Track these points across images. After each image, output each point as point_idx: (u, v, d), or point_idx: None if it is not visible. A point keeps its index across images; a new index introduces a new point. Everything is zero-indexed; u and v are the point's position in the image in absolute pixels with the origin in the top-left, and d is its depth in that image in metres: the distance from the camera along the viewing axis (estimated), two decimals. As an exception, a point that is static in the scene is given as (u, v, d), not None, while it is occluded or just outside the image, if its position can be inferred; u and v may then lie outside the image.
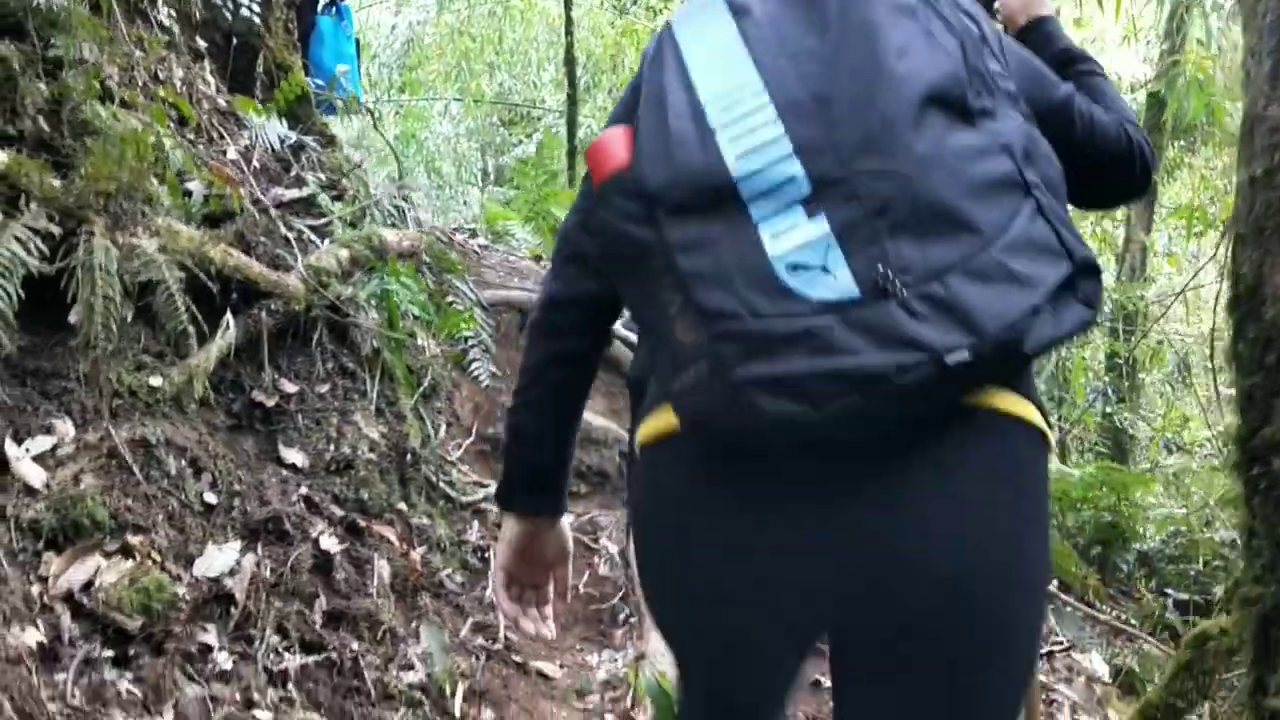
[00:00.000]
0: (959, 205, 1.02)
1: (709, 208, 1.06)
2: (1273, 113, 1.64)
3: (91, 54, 2.48)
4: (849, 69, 1.09)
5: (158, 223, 2.32)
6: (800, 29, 1.16)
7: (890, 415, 1.00)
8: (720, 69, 1.14)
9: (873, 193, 1.03)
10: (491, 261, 4.80)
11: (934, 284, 0.99)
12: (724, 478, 1.12)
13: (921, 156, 1.03)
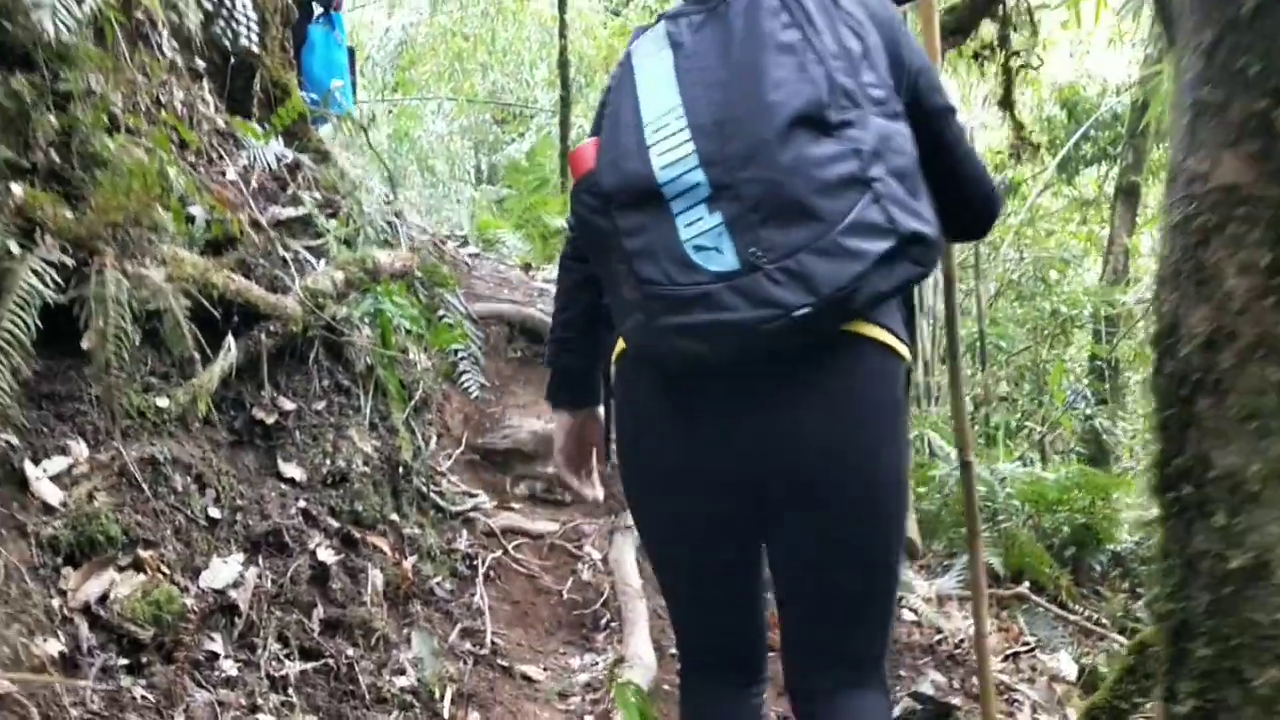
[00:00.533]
0: (811, 201, 1.43)
1: (644, 204, 1.49)
2: (1190, 165, 1.79)
3: (98, 85, 2.61)
4: (740, 98, 1.50)
5: (163, 250, 2.46)
6: (713, 62, 1.56)
7: (762, 349, 1.44)
8: (657, 94, 1.57)
9: (751, 194, 1.45)
10: (482, 272, 4.94)
11: (789, 260, 1.42)
12: (661, 391, 1.59)
13: (785, 166, 1.44)
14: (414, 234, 4.23)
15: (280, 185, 3.62)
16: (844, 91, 1.50)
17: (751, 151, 1.46)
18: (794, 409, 1.53)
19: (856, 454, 1.57)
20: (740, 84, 1.51)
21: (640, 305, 1.51)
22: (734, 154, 1.47)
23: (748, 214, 1.45)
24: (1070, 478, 6.73)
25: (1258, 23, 1.66)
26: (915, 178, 1.54)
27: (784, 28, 1.54)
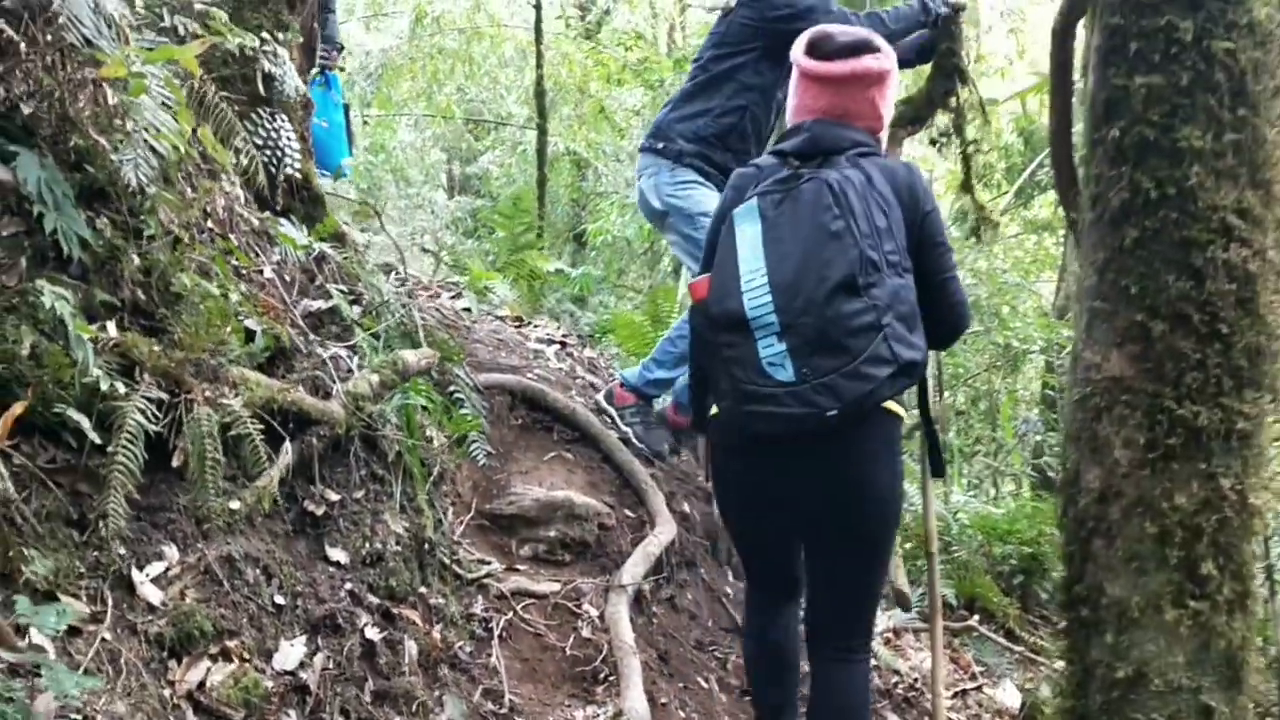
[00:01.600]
0: (843, 341, 2.38)
1: (737, 328, 2.48)
2: (1086, 355, 2.27)
3: (173, 226, 3.02)
4: (803, 269, 2.44)
5: (234, 374, 2.88)
6: (787, 236, 2.50)
7: (807, 431, 2.41)
8: (749, 254, 2.52)
9: (805, 334, 2.39)
10: (480, 334, 5.36)
11: (826, 378, 2.36)
12: (743, 454, 2.66)
13: (829, 317, 2.38)
14: (422, 306, 4.65)
15: (309, 277, 4.02)
16: (870, 263, 2.43)
17: (808, 306, 2.41)
18: (828, 459, 2.54)
19: (870, 485, 2.59)
20: (804, 259, 2.45)
21: (731, 393, 2.52)
22: (797, 307, 2.42)
23: (802, 346, 2.40)
24: (1019, 508, 7.22)
25: (1138, 252, 2.15)
26: (914, 317, 2.48)
27: (833, 219, 2.45)
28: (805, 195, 2.52)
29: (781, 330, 2.41)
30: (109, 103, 2.94)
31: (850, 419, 2.38)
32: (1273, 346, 2.10)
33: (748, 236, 2.55)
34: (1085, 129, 2.32)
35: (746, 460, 2.67)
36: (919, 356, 2.44)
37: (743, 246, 2.54)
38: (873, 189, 2.52)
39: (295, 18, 4.38)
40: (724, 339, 2.52)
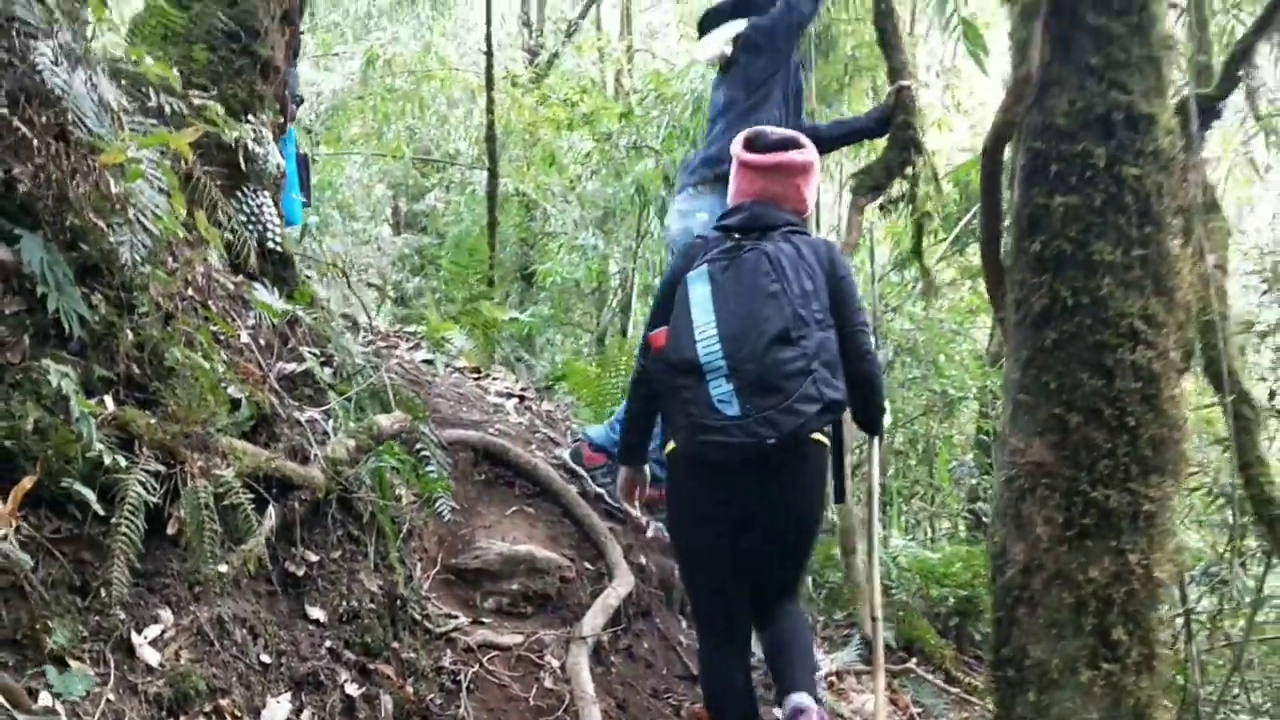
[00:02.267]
0: (779, 383, 2.89)
1: (692, 373, 2.97)
2: (1012, 441, 2.54)
3: (164, 302, 3.19)
4: (746, 324, 2.97)
5: (224, 443, 3.05)
6: (732, 297, 3.02)
7: (754, 457, 2.90)
8: (701, 311, 3.02)
9: (748, 376, 2.91)
10: (441, 388, 5.54)
11: (766, 414, 2.87)
12: (697, 474, 3.10)
13: (767, 363, 2.90)
14: (388, 365, 4.83)
15: (282, 339, 4.19)
16: (801, 319, 2.97)
17: (750, 354, 2.92)
18: (771, 482, 3.03)
19: (802, 499, 3.13)
20: (747, 315, 2.98)
21: (687, 427, 2.99)
22: (742, 354, 2.93)
23: (746, 387, 2.90)
24: (954, 552, 7.51)
25: (1056, 352, 2.42)
26: (836, 364, 3.02)
27: (771, 283, 3.01)
28: (747, 263, 3.09)
29: (729, 374, 2.92)
30: (107, 185, 3.11)
31: (786, 447, 2.90)
32: (1174, 437, 2.38)
33: (699, 296, 3.06)
34: (1011, 239, 2.60)
35: (701, 482, 3.12)
36: (840, 396, 2.97)
37: (695, 305, 3.05)
38: (802, 259, 3.11)
39: (269, 87, 4.57)
40: (681, 381, 3.00)
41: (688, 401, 2.97)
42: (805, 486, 3.12)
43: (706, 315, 3.01)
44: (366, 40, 12.96)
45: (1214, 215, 4.20)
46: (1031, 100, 2.47)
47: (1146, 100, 2.42)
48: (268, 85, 4.55)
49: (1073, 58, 2.46)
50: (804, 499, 3.14)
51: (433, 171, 16.22)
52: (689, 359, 2.97)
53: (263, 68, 4.42)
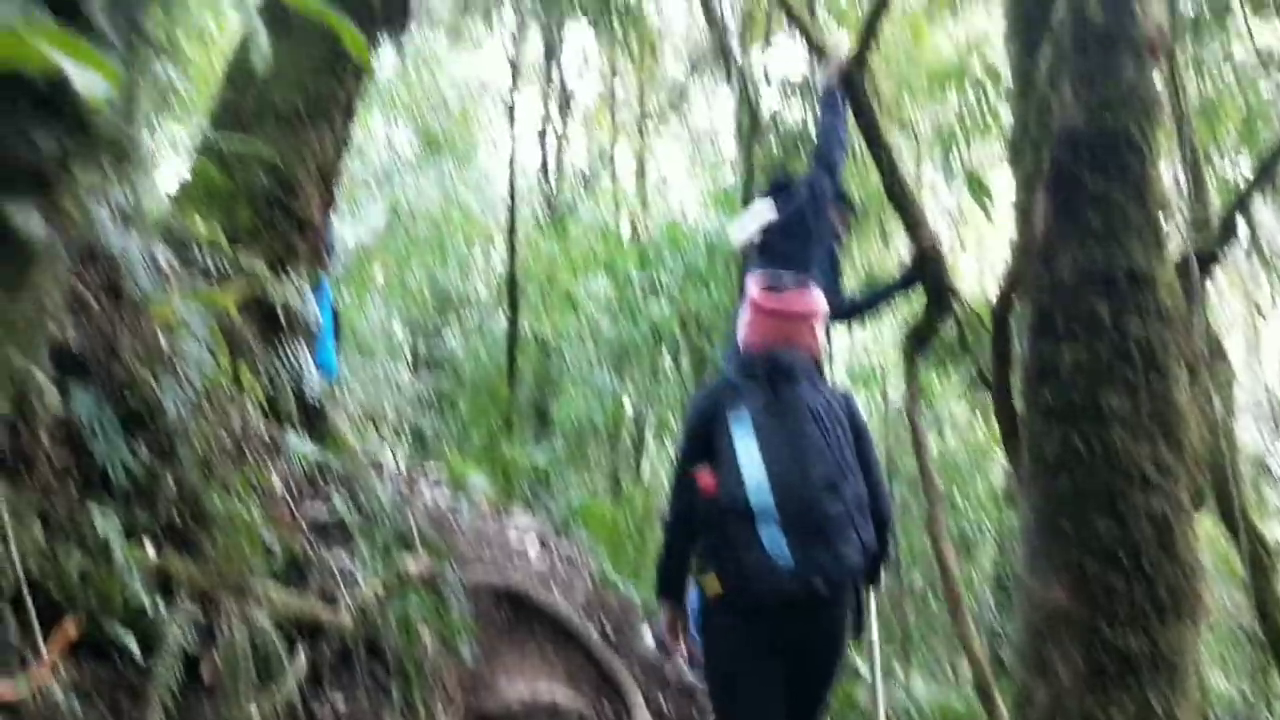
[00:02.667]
0: (828, 532, 2.97)
1: (745, 518, 2.99)
2: (1031, 585, 2.60)
3: (204, 451, 3.30)
4: (797, 476, 3.02)
5: (259, 588, 3.12)
6: (780, 445, 3.09)
7: (800, 603, 2.94)
8: (748, 459, 3.07)
9: (800, 525, 2.96)
10: (463, 528, 5.60)
11: (819, 562, 2.93)
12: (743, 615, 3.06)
13: (816, 512, 2.98)
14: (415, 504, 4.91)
15: (312, 484, 4.30)
16: (840, 468, 3.07)
17: (800, 502, 2.99)
18: (813, 621, 3.06)
19: (838, 637, 3.12)
20: (794, 463, 3.05)
21: (740, 573, 3.01)
22: (792, 502, 2.98)
23: (798, 536, 2.95)
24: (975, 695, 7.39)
25: (1072, 498, 2.50)
26: (866, 508, 3.09)
27: (813, 431, 3.11)
28: (789, 410, 3.19)
29: (781, 521, 2.99)
30: (156, 340, 3.26)
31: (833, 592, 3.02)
32: (1191, 581, 2.44)
33: (745, 441, 3.15)
34: (1022, 390, 2.71)
35: (745, 620, 3.12)
36: (874, 541, 3.11)
37: (741, 450, 3.12)
38: (832, 409, 3.22)
39: (305, 243, 4.78)
40: (733, 526, 3.04)
41: (740, 546, 3.01)
42: (840, 620, 3.17)
43: (754, 461, 3.09)
44: (390, 190, 13.41)
45: (1219, 362, 4.32)
46: (1037, 260, 2.61)
47: (1146, 259, 2.56)
48: (304, 241, 4.76)
49: (1075, 220, 2.61)
50: (839, 632, 3.20)
51: (453, 315, 16.56)
52: (742, 504, 3.02)
53: (300, 225, 4.64)
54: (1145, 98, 2.60)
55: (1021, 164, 2.69)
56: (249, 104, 4.62)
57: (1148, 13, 2.72)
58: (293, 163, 4.64)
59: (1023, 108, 2.76)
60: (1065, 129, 2.62)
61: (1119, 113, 2.59)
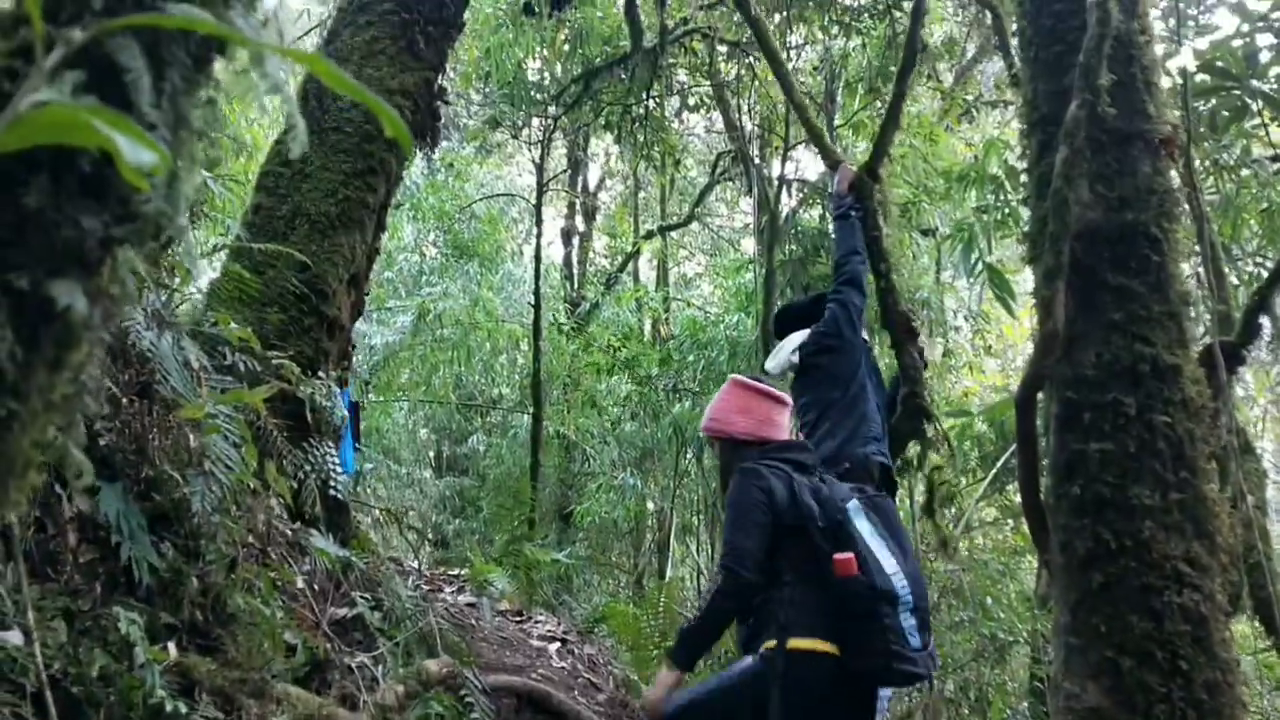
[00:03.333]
0: (929, 621, 3.43)
1: (892, 603, 3.29)
2: (1066, 685, 2.54)
3: (229, 550, 3.30)
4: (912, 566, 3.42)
5: (279, 690, 3.09)
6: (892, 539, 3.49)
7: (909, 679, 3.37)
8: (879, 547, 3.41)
9: (921, 612, 3.37)
10: (484, 628, 5.55)
11: (931, 650, 3.38)
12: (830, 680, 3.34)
13: (926, 605, 3.43)
14: (437, 606, 4.87)
15: (334, 584, 4.27)
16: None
17: (921, 595, 3.38)
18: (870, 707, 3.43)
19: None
20: (907, 559, 3.42)
21: (884, 652, 3.24)
22: (918, 594, 3.35)
23: (921, 623, 3.33)
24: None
25: (1104, 594, 2.46)
26: None
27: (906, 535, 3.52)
28: (884, 509, 3.58)
29: (913, 609, 3.33)
30: (185, 439, 3.29)
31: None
32: (1228, 680, 2.38)
33: (869, 534, 3.45)
34: (1050, 484, 2.69)
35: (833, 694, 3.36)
36: None
37: (870, 541, 3.43)
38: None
39: (334, 344, 4.85)
40: (882, 609, 3.28)
41: (886, 629, 3.28)
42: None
43: (886, 552, 3.42)
44: (418, 295, 13.60)
45: (1249, 457, 4.27)
46: (1059, 354, 2.62)
47: (1170, 352, 2.56)
48: (333, 342, 4.83)
49: (1096, 314, 2.62)
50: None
51: (476, 416, 16.63)
52: (890, 590, 3.31)
53: (329, 327, 4.71)
54: (1162, 193, 2.63)
55: (1040, 260, 2.72)
56: (282, 209, 4.73)
57: (1161, 112, 2.77)
58: (324, 266, 4.73)
59: (1040, 205, 2.79)
60: (1084, 225, 2.64)
61: (1137, 208, 2.62)
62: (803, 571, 3.47)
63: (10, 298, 0.63)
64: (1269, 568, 3.29)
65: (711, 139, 15.98)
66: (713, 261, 17.36)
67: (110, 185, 0.66)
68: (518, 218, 17.23)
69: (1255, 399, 8.91)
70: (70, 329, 0.67)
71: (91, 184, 0.65)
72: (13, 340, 0.63)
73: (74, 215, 0.65)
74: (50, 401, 0.68)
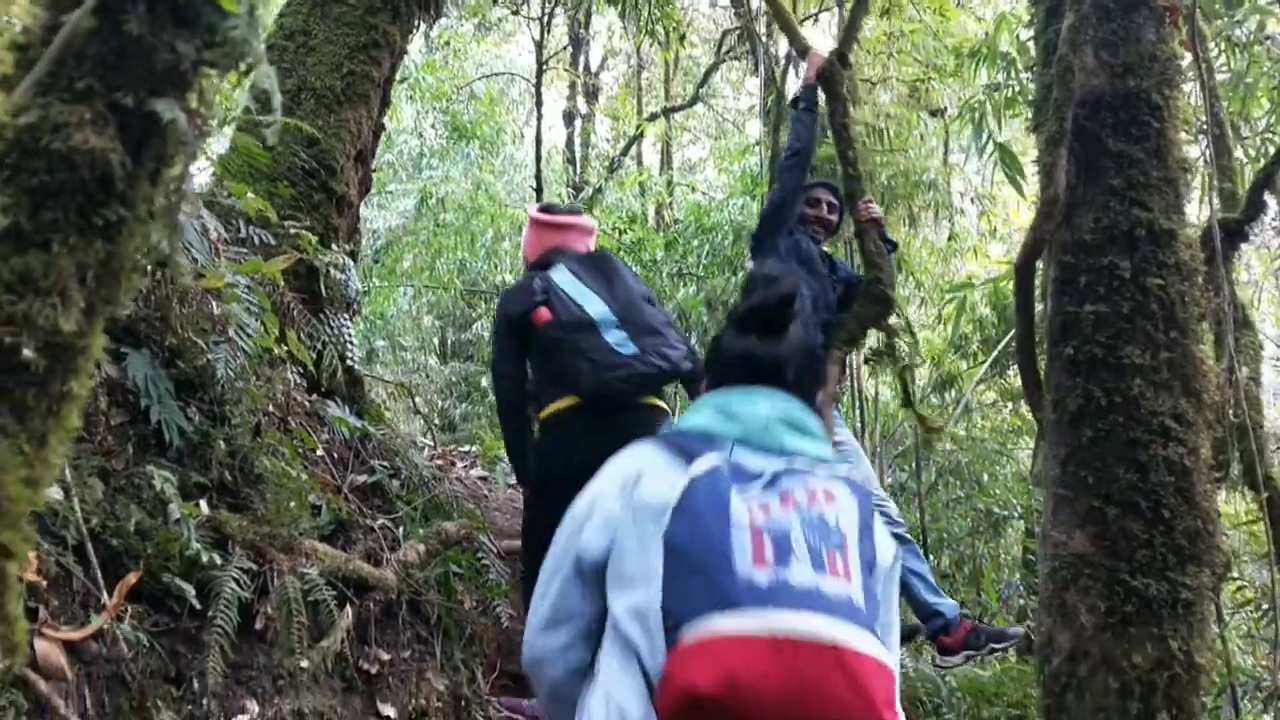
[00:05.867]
0: (657, 329, 3.74)
1: (589, 329, 3.65)
2: (1054, 534, 2.68)
3: (254, 415, 3.43)
4: (624, 289, 3.84)
5: (307, 545, 3.24)
6: (594, 279, 3.86)
7: (653, 385, 3.69)
8: (575, 293, 3.78)
9: (631, 324, 3.69)
10: (497, 500, 5.73)
11: (653, 350, 3.62)
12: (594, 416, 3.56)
13: (645, 315, 3.78)
14: (452, 478, 5.04)
15: (354, 453, 4.42)
16: (647, 299, 3.88)
17: (627, 311, 3.72)
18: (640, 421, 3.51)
19: None
20: (618, 290, 3.83)
21: (589, 371, 3.52)
22: (622, 313, 3.70)
23: (634, 331, 3.67)
24: (1004, 671, 7.48)
25: (1092, 449, 2.58)
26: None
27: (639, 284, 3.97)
28: (597, 262, 4.04)
29: (619, 325, 3.72)
30: (207, 308, 3.39)
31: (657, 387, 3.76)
32: (1208, 529, 2.52)
33: (564, 284, 3.87)
34: (1046, 346, 2.79)
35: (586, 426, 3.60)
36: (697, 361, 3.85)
37: (566, 289, 3.84)
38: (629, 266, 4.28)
39: (343, 220, 4.91)
40: (576, 337, 3.68)
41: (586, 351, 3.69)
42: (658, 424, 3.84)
43: (583, 291, 3.87)
44: (419, 179, 13.55)
45: (1246, 331, 4.37)
46: (1060, 219, 2.69)
47: (1166, 217, 2.63)
48: (342, 218, 4.88)
49: (1097, 180, 2.68)
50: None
51: (480, 301, 16.71)
52: (581, 319, 3.79)
53: (338, 202, 4.77)
54: (1165, 60, 2.67)
55: (1045, 127, 2.77)
56: (287, 84, 4.74)
57: (1168, -22, 2.79)
58: (331, 142, 4.77)
59: (1045, 72, 2.83)
60: (1087, 91, 2.69)
61: (1139, 75, 2.66)
62: (536, 353, 3.79)
63: (118, 115, 0.71)
64: (1257, 433, 3.41)
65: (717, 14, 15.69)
66: (717, 145, 17.22)
67: (199, 13, 0.73)
68: (518, 99, 17.03)
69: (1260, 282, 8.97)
70: (169, 143, 0.75)
71: (183, 12, 0.72)
72: (122, 152, 0.72)
73: (170, 40, 0.72)
74: (152, 210, 0.76)
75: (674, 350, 3.67)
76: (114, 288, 0.80)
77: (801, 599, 1.47)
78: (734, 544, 1.52)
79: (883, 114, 10.76)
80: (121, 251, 0.77)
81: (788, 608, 1.46)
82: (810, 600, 1.46)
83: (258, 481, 3.29)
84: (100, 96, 0.73)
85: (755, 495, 1.57)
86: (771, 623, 1.45)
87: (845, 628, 1.44)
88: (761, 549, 1.52)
